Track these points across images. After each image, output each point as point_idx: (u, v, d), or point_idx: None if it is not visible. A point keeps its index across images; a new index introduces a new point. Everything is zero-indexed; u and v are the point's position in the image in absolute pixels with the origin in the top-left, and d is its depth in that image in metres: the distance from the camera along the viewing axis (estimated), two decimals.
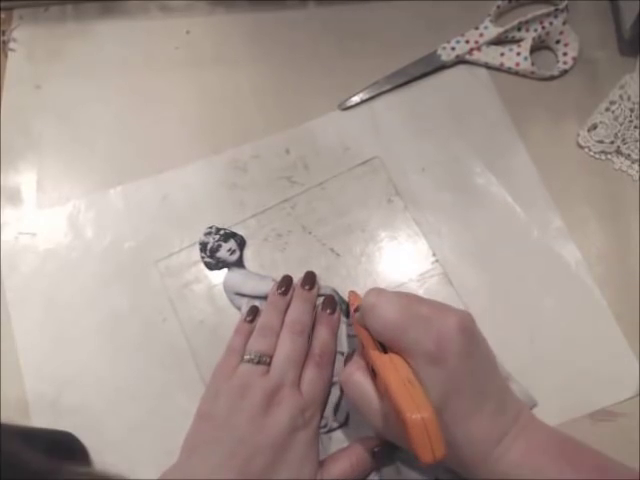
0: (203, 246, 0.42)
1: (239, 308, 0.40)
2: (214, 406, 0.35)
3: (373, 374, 0.32)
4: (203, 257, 0.42)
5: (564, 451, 0.30)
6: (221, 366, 0.37)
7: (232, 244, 0.41)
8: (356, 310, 0.35)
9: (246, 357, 0.36)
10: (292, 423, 0.33)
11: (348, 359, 0.36)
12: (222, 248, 0.41)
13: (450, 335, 0.29)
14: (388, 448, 0.35)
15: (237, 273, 0.41)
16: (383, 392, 0.30)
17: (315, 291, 0.39)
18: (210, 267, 0.42)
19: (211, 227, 0.42)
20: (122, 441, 0.38)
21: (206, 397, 0.36)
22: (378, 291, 0.32)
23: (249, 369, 0.35)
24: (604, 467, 0.29)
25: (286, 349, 0.36)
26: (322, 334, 0.37)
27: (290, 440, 0.33)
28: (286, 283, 0.40)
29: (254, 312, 0.39)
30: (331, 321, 0.38)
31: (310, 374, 0.36)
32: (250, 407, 0.33)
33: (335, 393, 0.37)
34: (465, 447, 0.29)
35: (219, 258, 0.41)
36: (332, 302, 0.39)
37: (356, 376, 0.32)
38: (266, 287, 0.40)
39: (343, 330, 0.39)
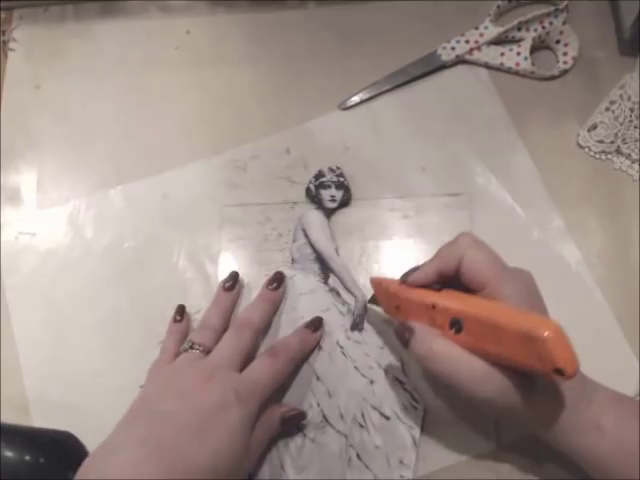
0: (319, 174, 0.42)
1: (294, 241, 0.41)
2: (147, 389, 0.35)
3: (452, 333, 0.30)
4: (311, 181, 0.42)
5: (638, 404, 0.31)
6: (156, 363, 0.37)
7: (339, 195, 0.41)
8: (405, 277, 0.34)
9: (182, 347, 0.36)
10: (222, 399, 0.33)
11: (406, 337, 0.32)
12: (329, 190, 0.42)
13: (533, 283, 0.32)
14: (296, 417, 0.36)
15: (319, 218, 0.41)
16: (476, 344, 0.29)
17: (280, 292, 0.40)
18: (307, 193, 0.42)
19: (340, 169, 0.42)
20: None
21: (143, 386, 0.36)
22: (469, 236, 0.33)
23: (184, 356, 0.36)
24: None
25: (228, 342, 0.36)
26: (291, 340, 0.38)
27: (219, 416, 0.32)
28: (232, 279, 0.40)
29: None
30: (306, 336, 0.38)
31: (259, 362, 0.36)
32: (180, 385, 0.34)
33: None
34: (554, 397, 0.30)
35: (320, 194, 0.42)
36: (317, 324, 0.39)
37: (437, 344, 0.30)
38: (324, 247, 0.40)
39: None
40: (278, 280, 0.40)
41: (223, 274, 0.41)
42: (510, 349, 0.27)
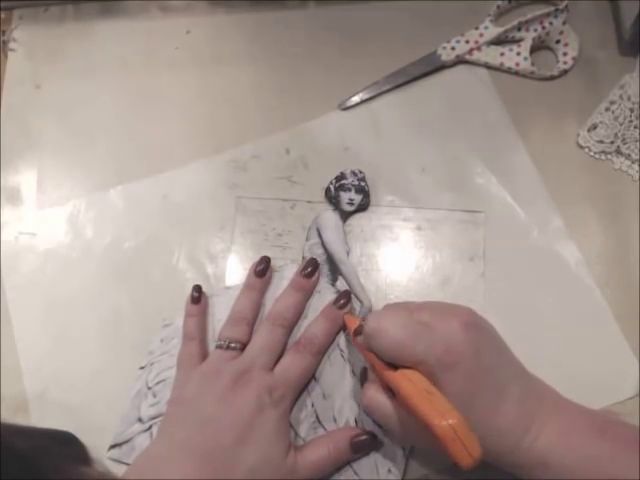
0: (341, 176, 0.42)
1: (307, 240, 0.41)
2: (184, 391, 0.35)
3: (392, 394, 0.31)
4: (332, 182, 0.42)
5: (596, 427, 0.30)
6: (183, 355, 0.37)
7: (357, 200, 0.41)
8: (356, 333, 0.34)
9: (217, 343, 0.37)
10: (259, 401, 0.33)
11: (363, 378, 0.35)
12: (349, 193, 0.41)
13: (456, 337, 0.29)
14: (368, 440, 0.35)
15: (334, 220, 0.41)
16: (405, 408, 0.30)
17: (314, 280, 0.39)
18: (327, 193, 0.42)
19: (362, 173, 0.42)
20: None
21: (176, 385, 0.37)
22: (377, 315, 0.32)
23: (219, 354, 0.36)
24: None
25: (262, 339, 0.36)
26: (318, 326, 0.37)
27: (257, 419, 0.33)
28: (264, 262, 0.39)
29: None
30: (336, 316, 0.38)
31: (287, 359, 0.36)
32: (218, 388, 0.34)
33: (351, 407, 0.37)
34: (495, 441, 0.29)
35: (339, 196, 0.42)
36: (346, 298, 0.38)
37: (377, 398, 0.32)
38: (336, 249, 0.40)
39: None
40: (313, 265, 0.39)
41: (230, 274, 0.41)
42: (423, 427, 0.27)
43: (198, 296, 0.39)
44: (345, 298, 0.38)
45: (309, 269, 0.39)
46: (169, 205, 0.44)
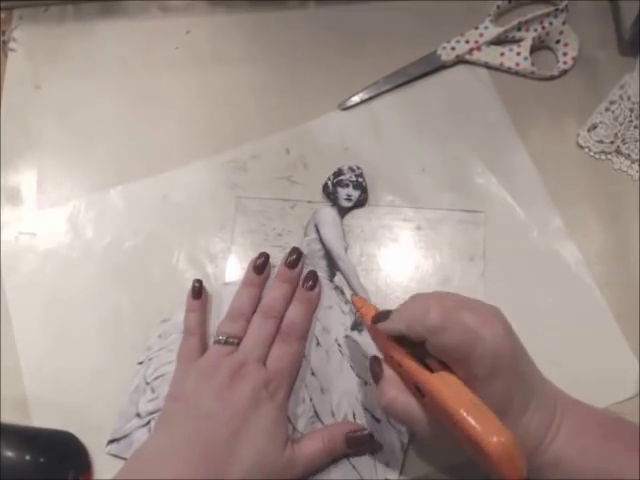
0: (339, 172, 0.42)
1: (305, 236, 0.41)
2: (182, 387, 0.35)
3: (416, 392, 0.30)
4: (330, 178, 0.42)
5: (605, 427, 0.30)
6: (183, 350, 0.38)
7: (355, 195, 0.41)
8: (376, 320, 0.32)
9: (215, 339, 0.37)
10: (255, 395, 0.34)
11: (377, 375, 0.33)
12: (347, 189, 0.41)
13: (502, 345, 0.28)
14: (363, 436, 0.35)
15: (332, 216, 0.41)
16: (435, 411, 0.29)
17: (299, 269, 0.39)
18: (324, 189, 0.42)
19: (360, 169, 0.42)
20: None
21: (174, 380, 0.37)
22: (440, 310, 0.29)
23: (217, 350, 0.36)
24: None
25: (255, 332, 0.37)
26: (294, 310, 0.38)
27: (254, 413, 0.33)
28: (262, 257, 0.40)
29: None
30: (308, 297, 0.38)
31: (276, 350, 0.36)
32: (215, 384, 0.34)
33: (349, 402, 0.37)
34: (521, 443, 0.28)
35: (336, 192, 0.42)
36: (313, 277, 0.39)
37: (400, 399, 0.30)
38: (334, 245, 0.40)
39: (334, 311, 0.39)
40: (296, 254, 0.39)
41: (229, 273, 0.41)
42: (460, 437, 0.27)
43: (199, 288, 0.39)
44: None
45: (293, 257, 0.39)
46: (169, 205, 0.44)
